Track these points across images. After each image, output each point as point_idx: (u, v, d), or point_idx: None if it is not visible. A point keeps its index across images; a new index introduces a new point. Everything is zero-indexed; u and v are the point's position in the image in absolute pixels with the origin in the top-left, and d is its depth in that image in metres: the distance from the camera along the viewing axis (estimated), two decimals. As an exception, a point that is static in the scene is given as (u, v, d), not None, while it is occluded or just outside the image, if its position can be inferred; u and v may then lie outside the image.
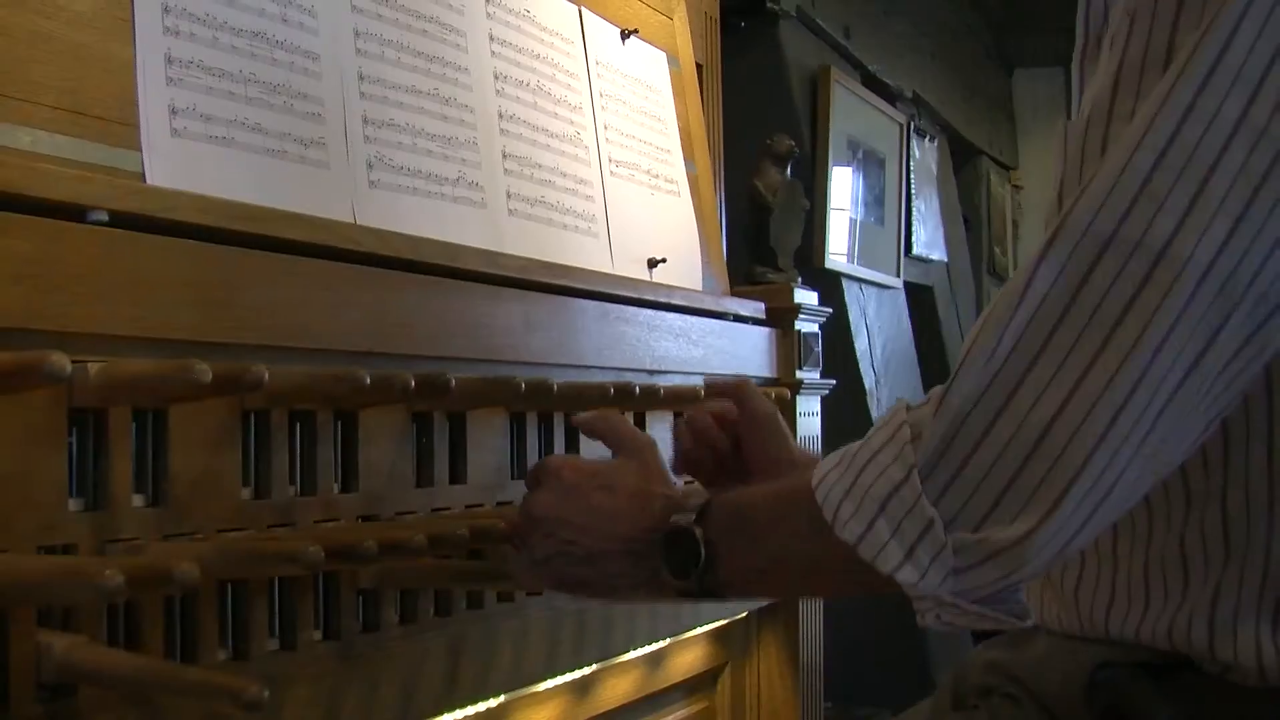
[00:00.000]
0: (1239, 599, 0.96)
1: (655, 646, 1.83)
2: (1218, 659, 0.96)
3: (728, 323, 2.01)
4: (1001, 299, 0.89)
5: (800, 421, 2.17)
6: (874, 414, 3.72)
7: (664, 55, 2.20)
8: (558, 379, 1.46)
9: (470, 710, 1.42)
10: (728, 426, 1.33)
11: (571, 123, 1.88)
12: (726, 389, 1.35)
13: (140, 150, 1.19)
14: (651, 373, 1.75)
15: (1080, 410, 0.85)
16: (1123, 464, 0.86)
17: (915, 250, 4.66)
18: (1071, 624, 1.06)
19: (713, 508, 1.06)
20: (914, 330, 4.45)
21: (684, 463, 1.34)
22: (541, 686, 1.57)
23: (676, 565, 1.06)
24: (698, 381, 1.81)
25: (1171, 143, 0.84)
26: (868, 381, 3.83)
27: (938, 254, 4.98)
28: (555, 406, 1.55)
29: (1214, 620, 0.96)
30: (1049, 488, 0.86)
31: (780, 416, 1.32)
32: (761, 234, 2.45)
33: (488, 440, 1.44)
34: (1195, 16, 0.86)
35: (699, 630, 1.96)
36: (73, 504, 1.00)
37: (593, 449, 1.61)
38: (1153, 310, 0.83)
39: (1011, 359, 0.87)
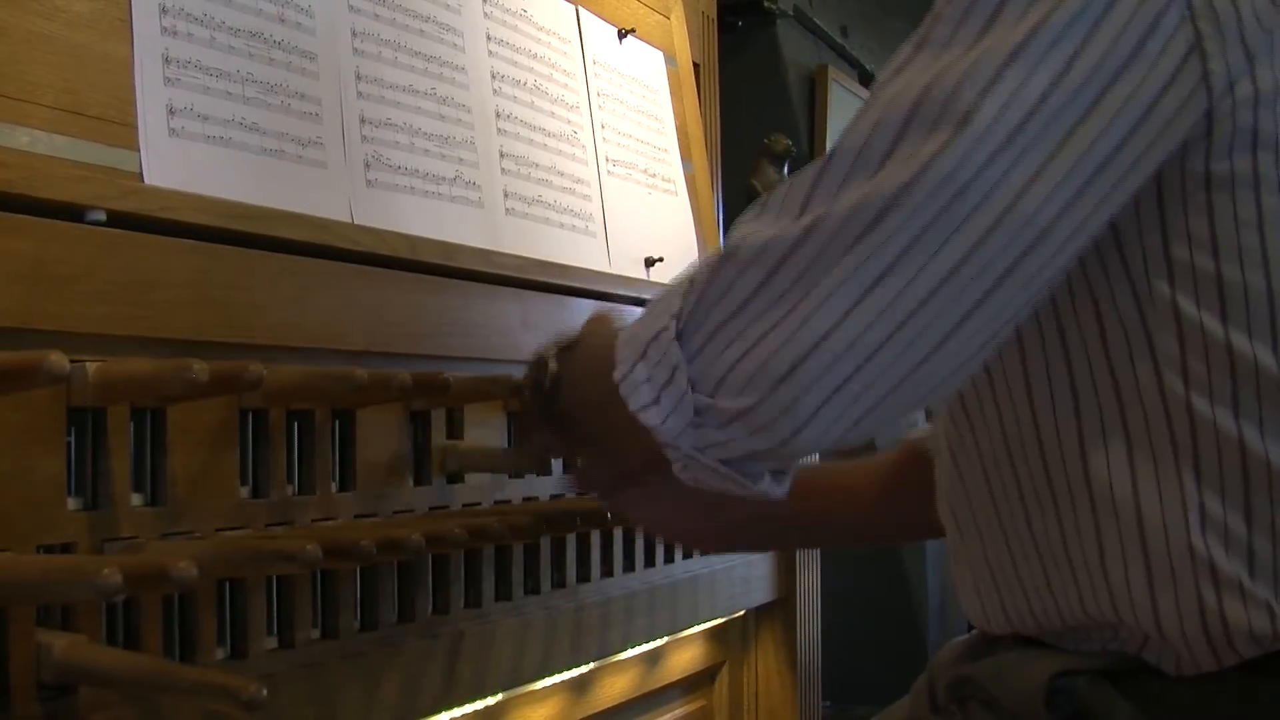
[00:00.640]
0: (1171, 562, 0.95)
1: (653, 645, 1.83)
2: (1170, 646, 0.96)
3: (725, 321, 2.01)
4: (808, 170, 0.91)
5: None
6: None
7: (661, 54, 2.20)
8: (555, 378, 1.46)
9: (469, 708, 1.42)
10: None
11: (569, 122, 1.88)
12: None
13: (138, 150, 1.19)
14: (649, 371, 1.75)
15: (820, 295, 0.87)
16: (863, 356, 0.87)
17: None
18: (1000, 626, 1.08)
19: (578, 344, 1.12)
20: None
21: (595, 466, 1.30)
22: (539, 684, 1.57)
23: (531, 387, 1.13)
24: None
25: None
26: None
27: (935, 253, 4.98)
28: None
29: (1111, 589, 0.97)
30: (774, 367, 0.88)
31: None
32: (759, 233, 2.46)
33: (486, 439, 1.44)
34: None
35: (697, 629, 1.96)
36: (71, 503, 1.01)
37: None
38: (914, 209, 0.85)
39: (790, 235, 0.89)
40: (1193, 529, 0.94)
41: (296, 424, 1.21)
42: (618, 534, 1.64)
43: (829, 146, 3.21)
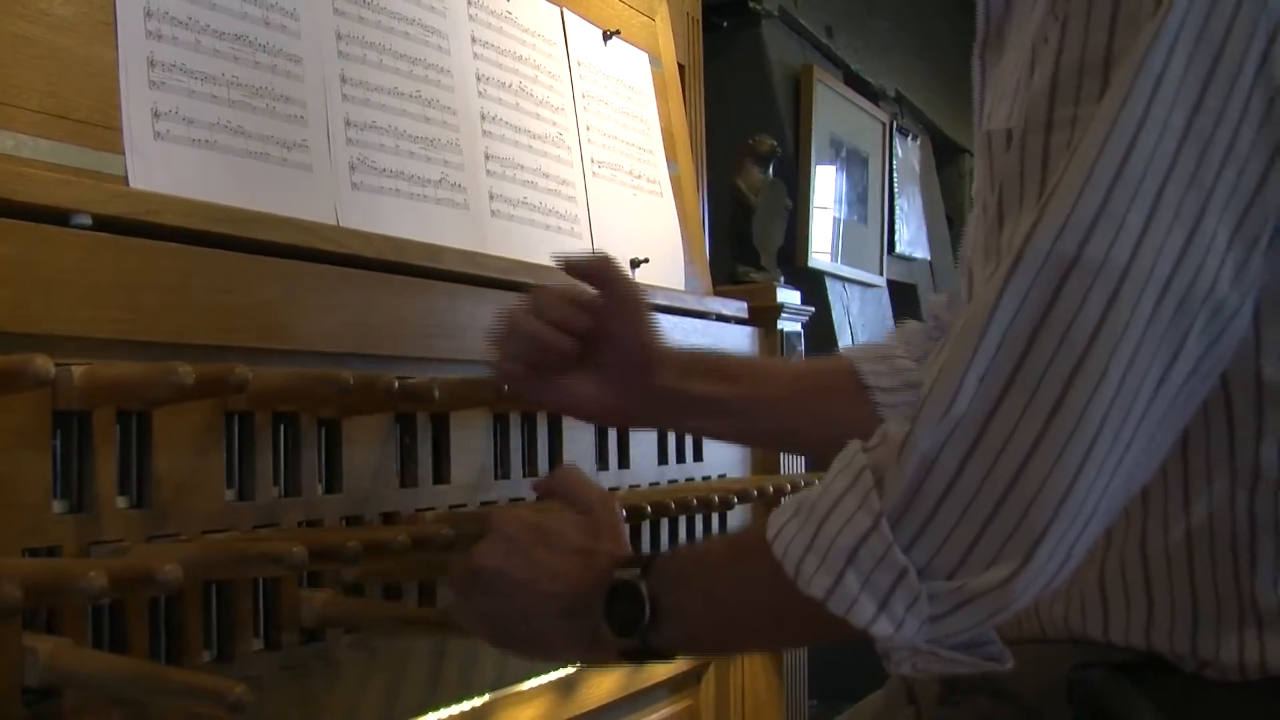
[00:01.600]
0: (1218, 602, 0.96)
1: (639, 645, 1.83)
2: (1198, 657, 0.97)
3: (710, 322, 2.02)
4: (964, 332, 0.85)
5: (783, 420, 2.17)
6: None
7: (646, 56, 2.21)
8: (541, 379, 1.46)
9: (455, 709, 1.42)
10: (586, 309, 1.26)
11: (554, 124, 1.89)
12: (588, 268, 1.27)
13: (123, 153, 1.19)
14: (634, 372, 1.75)
15: (1054, 447, 0.82)
16: (1099, 495, 0.84)
17: (898, 249, 4.68)
18: (1033, 629, 1.06)
19: (658, 562, 1.02)
20: (897, 329, 4.46)
21: (512, 358, 1.26)
22: (525, 685, 1.57)
23: (618, 622, 1.01)
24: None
25: (1127, 158, 0.82)
26: (851, 380, 3.83)
27: (921, 252, 5.00)
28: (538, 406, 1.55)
29: (1197, 622, 0.96)
30: (1027, 530, 0.83)
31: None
32: (744, 234, 2.47)
33: (471, 440, 1.45)
34: (1132, 20, 0.85)
35: (683, 628, 1.96)
36: (57, 506, 1.01)
37: (575, 443, 1.62)
38: (1120, 332, 0.81)
39: (979, 396, 0.84)
40: (1242, 569, 0.95)
41: (282, 426, 1.21)
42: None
43: (813, 145, 3.19)
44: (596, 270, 1.27)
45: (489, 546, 1.10)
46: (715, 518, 1.86)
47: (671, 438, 1.87)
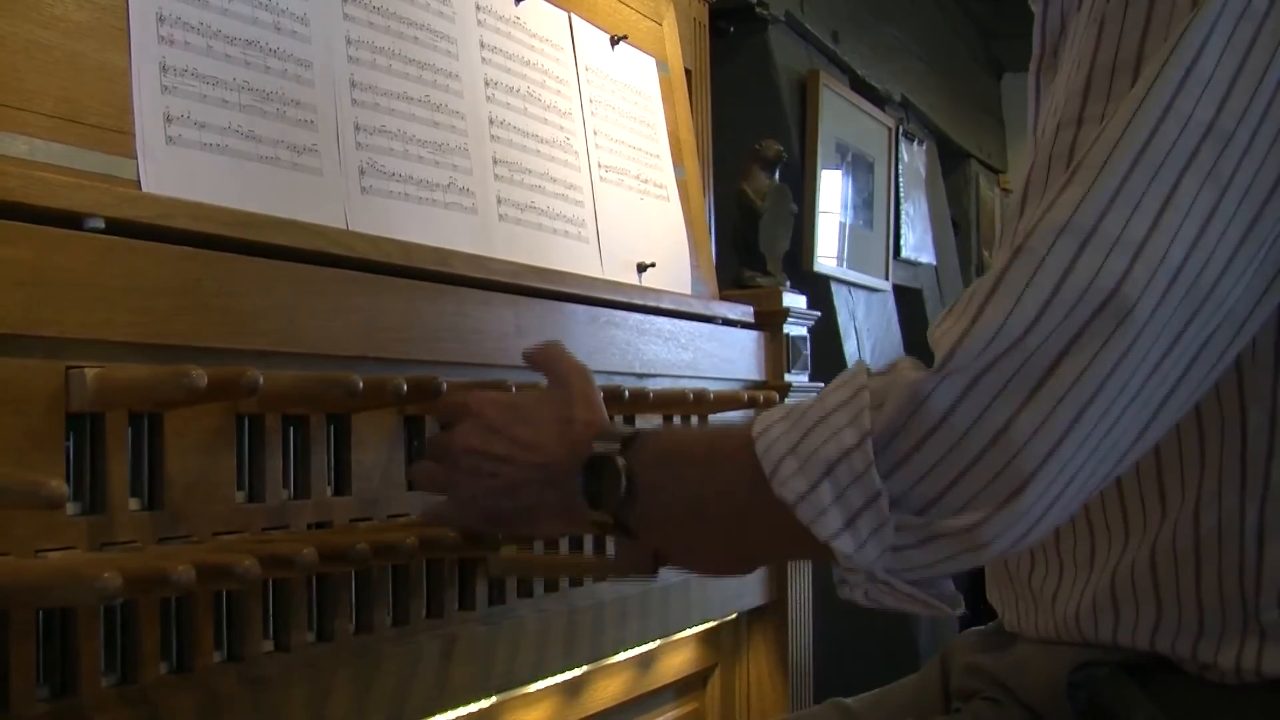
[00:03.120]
0: (1223, 611, 0.97)
1: (645, 648, 1.84)
2: (1198, 660, 0.98)
3: (716, 326, 2.03)
4: (975, 293, 0.87)
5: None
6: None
7: (653, 61, 2.21)
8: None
9: (463, 711, 1.43)
10: None
11: (561, 128, 1.89)
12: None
13: (136, 158, 1.20)
14: (640, 376, 1.77)
15: (1045, 407, 0.83)
16: (1080, 464, 0.85)
17: (904, 253, 4.67)
18: (1048, 629, 1.07)
19: (640, 440, 1.02)
20: (903, 333, 4.47)
21: None
22: (533, 688, 1.58)
23: (594, 494, 1.02)
24: (687, 385, 1.83)
25: (1149, 143, 0.84)
26: (857, 384, 3.82)
27: (926, 257, 5.00)
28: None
29: (1202, 629, 0.97)
30: (1003, 482, 0.84)
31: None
32: (750, 238, 2.47)
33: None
34: (1164, 24, 0.87)
35: (689, 632, 1.97)
36: (70, 508, 1.02)
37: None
38: (1128, 309, 0.83)
39: (985, 352, 0.85)
40: (1247, 583, 0.96)
41: (292, 429, 1.22)
42: (610, 538, 1.65)
43: (819, 150, 3.20)
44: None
45: (467, 430, 1.13)
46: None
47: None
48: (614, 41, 2.09)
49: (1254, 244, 0.85)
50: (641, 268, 2.00)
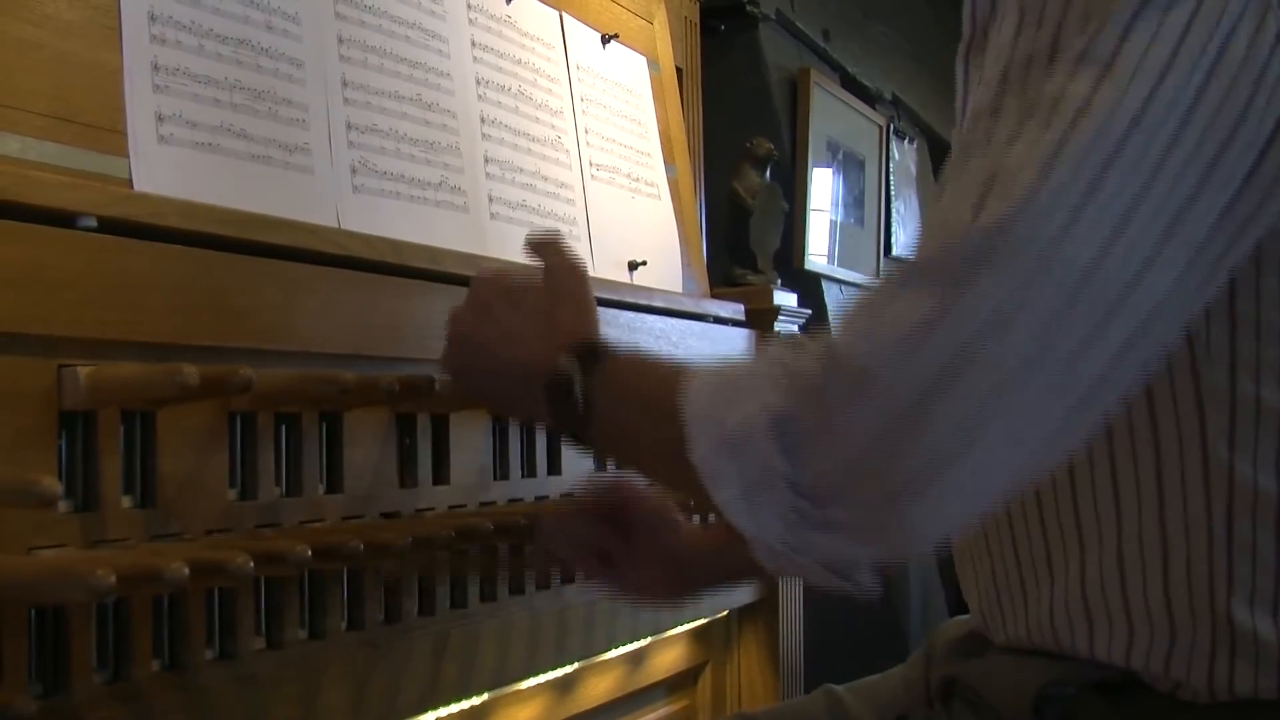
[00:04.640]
0: (1193, 625, 0.95)
1: (636, 645, 1.84)
2: (1171, 677, 0.97)
3: (708, 324, 2.03)
4: (888, 281, 0.84)
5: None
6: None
7: (644, 59, 2.22)
8: (540, 381, 1.47)
9: (454, 708, 1.43)
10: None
11: (553, 127, 1.90)
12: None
13: (128, 157, 1.20)
14: (632, 374, 1.76)
15: (962, 407, 0.79)
16: (994, 463, 0.82)
17: (895, 251, 4.68)
18: (1020, 636, 1.05)
19: (607, 364, 1.01)
20: (894, 331, 4.47)
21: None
22: (524, 685, 1.59)
23: (557, 413, 1.03)
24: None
25: (1068, 140, 0.79)
26: (847, 382, 3.83)
27: (917, 255, 5.00)
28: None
29: (1173, 643, 0.96)
30: (903, 484, 0.81)
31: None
32: (741, 236, 2.48)
33: (470, 441, 1.46)
34: (1082, 16, 0.82)
35: (680, 629, 1.98)
36: (63, 505, 1.02)
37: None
38: (1050, 308, 0.79)
39: (908, 332, 0.80)
40: (1217, 590, 0.94)
41: (284, 427, 1.22)
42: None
43: (810, 148, 3.19)
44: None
45: (464, 308, 1.17)
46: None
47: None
48: (605, 40, 2.10)
49: (1180, 241, 0.81)
50: (633, 266, 2.00)
